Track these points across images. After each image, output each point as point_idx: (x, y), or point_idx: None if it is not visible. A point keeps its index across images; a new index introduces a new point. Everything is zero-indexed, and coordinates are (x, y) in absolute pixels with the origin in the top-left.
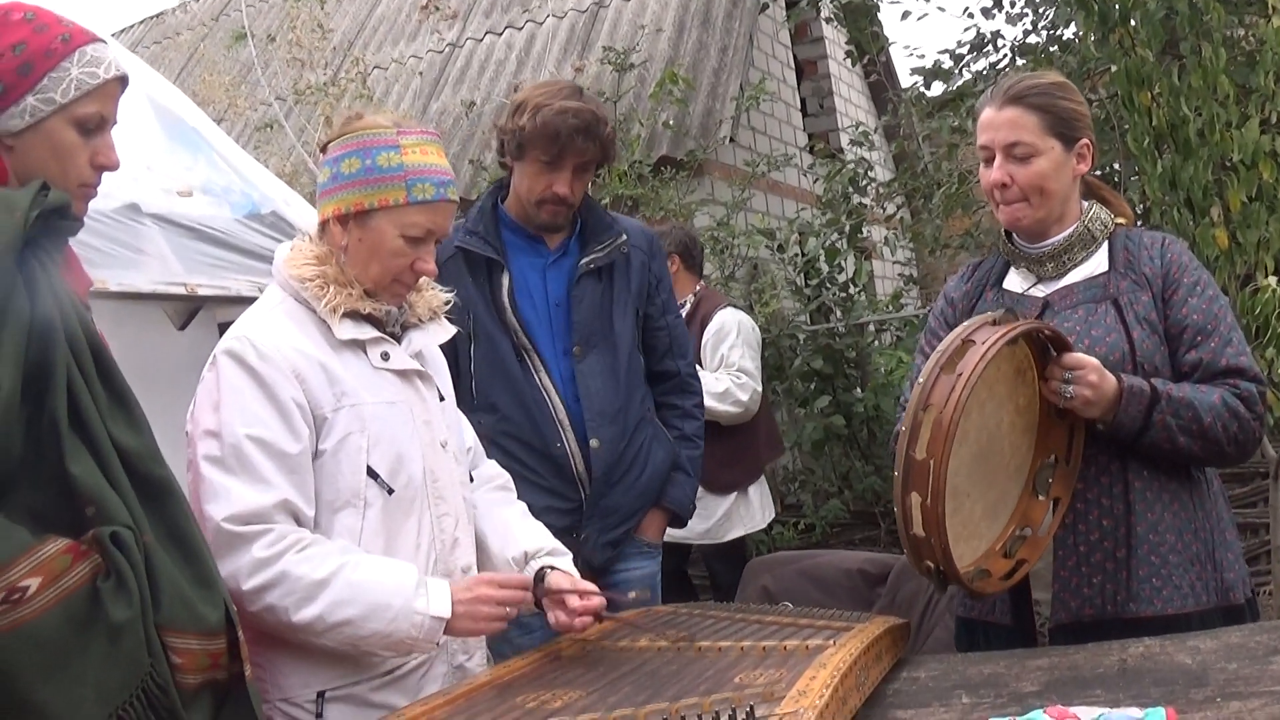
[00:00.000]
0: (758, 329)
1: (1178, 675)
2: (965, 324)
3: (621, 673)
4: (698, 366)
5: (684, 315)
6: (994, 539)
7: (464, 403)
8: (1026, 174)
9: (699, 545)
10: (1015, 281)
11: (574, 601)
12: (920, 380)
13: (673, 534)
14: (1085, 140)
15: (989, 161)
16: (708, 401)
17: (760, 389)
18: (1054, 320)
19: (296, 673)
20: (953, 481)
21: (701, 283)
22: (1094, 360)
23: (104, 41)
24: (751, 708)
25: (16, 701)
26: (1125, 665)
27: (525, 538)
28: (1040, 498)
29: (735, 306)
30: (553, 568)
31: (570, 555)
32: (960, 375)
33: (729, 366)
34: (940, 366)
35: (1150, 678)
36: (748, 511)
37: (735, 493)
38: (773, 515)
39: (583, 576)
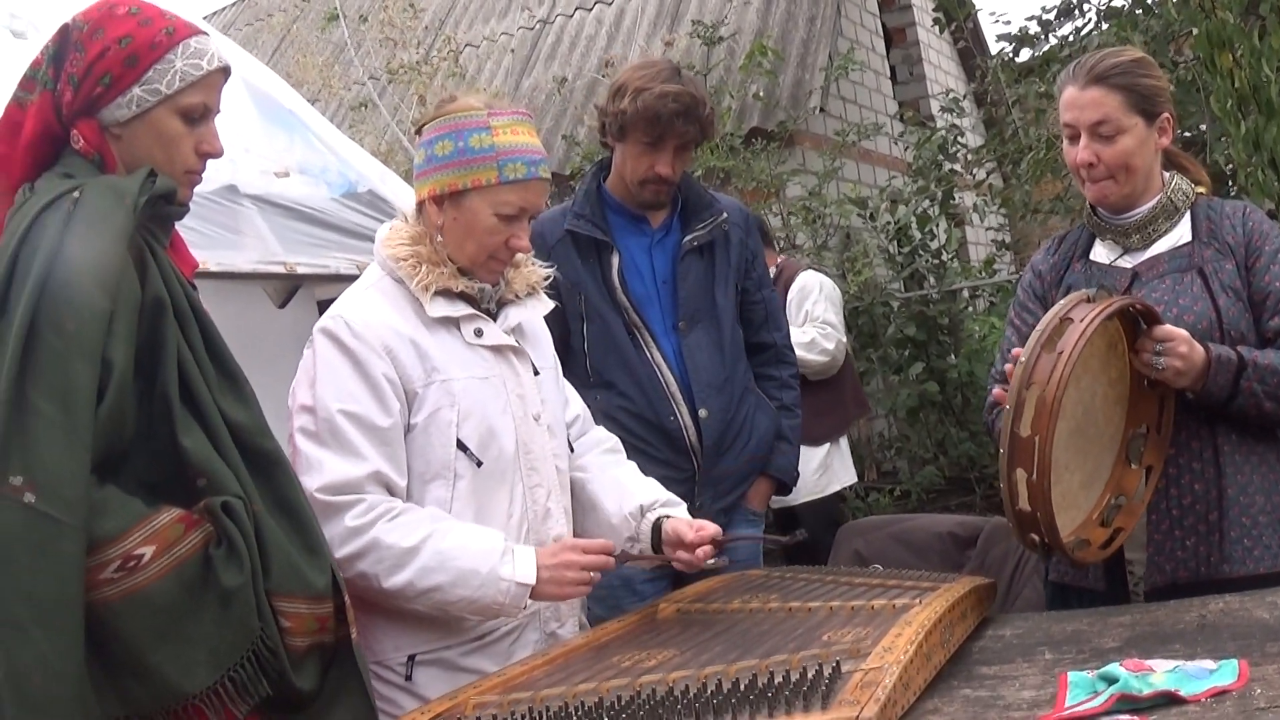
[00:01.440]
0: (838, 289)
1: (1255, 630)
2: (1062, 302)
3: (714, 633)
4: None
5: None
6: (1091, 508)
7: (579, 381)
8: (1112, 152)
9: (800, 505)
10: (1102, 253)
11: (690, 535)
12: (1023, 360)
13: (780, 501)
14: (1166, 114)
15: (1074, 139)
16: (797, 352)
17: (845, 341)
18: (1142, 291)
19: (388, 636)
20: (1053, 455)
21: (782, 256)
22: (1183, 332)
23: (206, 34)
24: (838, 663)
25: (133, 663)
26: (1205, 620)
27: (640, 492)
28: (1134, 466)
29: (816, 270)
30: (668, 517)
31: (684, 504)
32: (1061, 354)
33: (814, 320)
34: (1041, 345)
35: (1228, 632)
36: (842, 465)
37: (828, 444)
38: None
39: None
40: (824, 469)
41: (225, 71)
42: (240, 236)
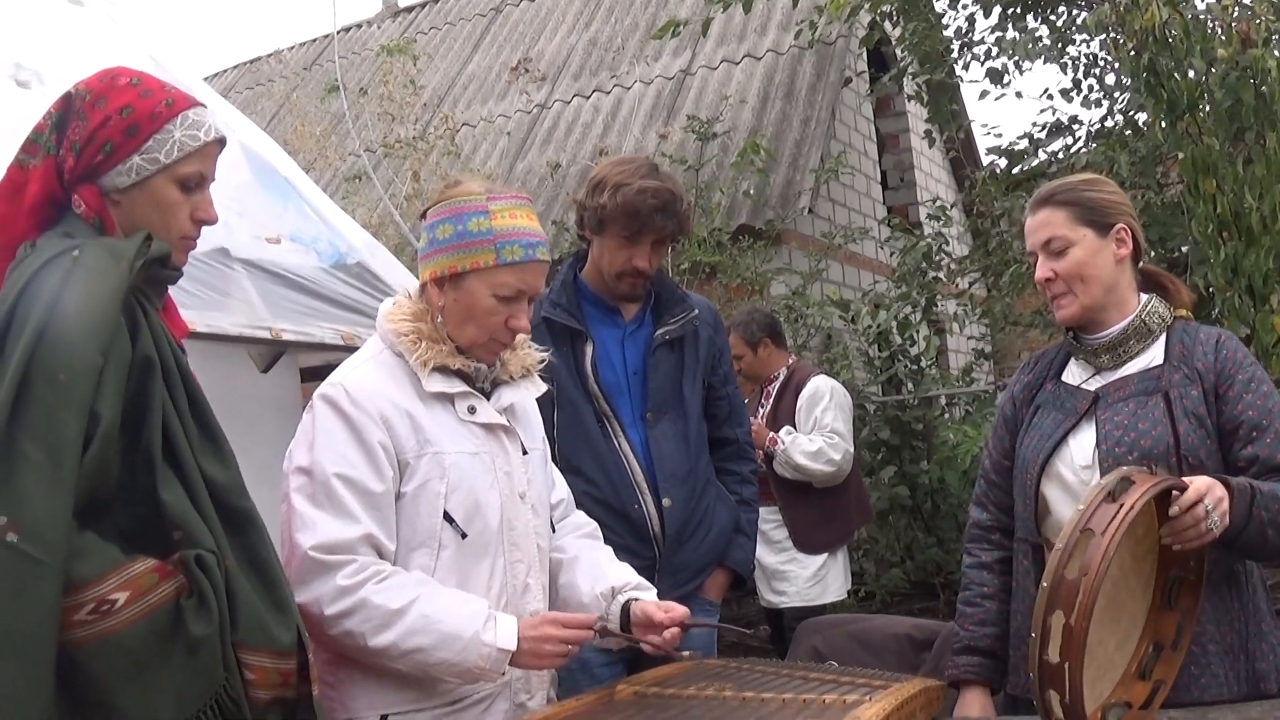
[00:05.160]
0: (849, 395)
1: None
2: (1081, 508)
3: (668, 717)
4: (793, 429)
5: (779, 385)
6: (1129, 662)
7: None
8: (1064, 265)
9: (789, 609)
10: (1074, 373)
11: (659, 617)
12: (1080, 507)
13: (770, 599)
14: (1121, 225)
15: (1035, 263)
16: (802, 461)
17: (852, 450)
18: (1104, 413)
19: (365, 694)
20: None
21: (794, 356)
22: (1210, 480)
23: (204, 106)
24: None
25: (101, 703)
26: None
27: (613, 574)
28: (1170, 610)
29: (827, 375)
30: (637, 599)
31: (654, 589)
32: (1122, 506)
33: (822, 428)
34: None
35: None
36: (836, 578)
37: (826, 554)
38: (849, 584)
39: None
40: (818, 580)
41: (221, 142)
42: (228, 299)
